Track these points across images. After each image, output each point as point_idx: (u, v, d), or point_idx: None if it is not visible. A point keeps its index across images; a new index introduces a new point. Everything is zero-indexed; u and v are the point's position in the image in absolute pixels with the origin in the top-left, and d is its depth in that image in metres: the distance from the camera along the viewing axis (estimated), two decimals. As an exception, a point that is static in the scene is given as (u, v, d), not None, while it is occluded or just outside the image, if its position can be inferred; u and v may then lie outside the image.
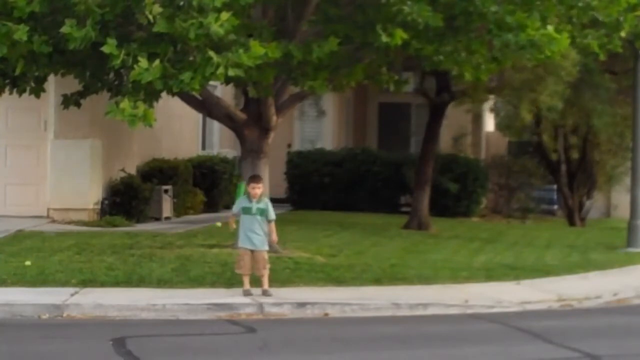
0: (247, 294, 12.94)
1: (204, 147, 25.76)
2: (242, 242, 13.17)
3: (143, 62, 12.71)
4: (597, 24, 15.99)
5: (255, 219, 13.15)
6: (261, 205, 13.20)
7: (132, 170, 20.88)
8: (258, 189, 13.28)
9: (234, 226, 13.47)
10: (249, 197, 13.28)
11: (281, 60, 14.10)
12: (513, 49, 14.69)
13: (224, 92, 22.45)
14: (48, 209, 19.58)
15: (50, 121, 19.60)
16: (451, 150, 28.16)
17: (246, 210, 13.20)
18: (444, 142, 28.32)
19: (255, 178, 13.60)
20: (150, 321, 11.87)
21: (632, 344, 11.22)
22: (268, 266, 13.13)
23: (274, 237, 13.37)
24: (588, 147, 27.97)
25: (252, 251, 13.09)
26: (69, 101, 15.95)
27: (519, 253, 18.82)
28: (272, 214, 13.23)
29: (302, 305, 12.68)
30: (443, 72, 19.25)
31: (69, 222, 19.10)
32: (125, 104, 13.10)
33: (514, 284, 15.11)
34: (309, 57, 14.13)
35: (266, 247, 13.18)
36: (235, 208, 13.50)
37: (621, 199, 27.68)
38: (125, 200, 19.92)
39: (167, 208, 21.11)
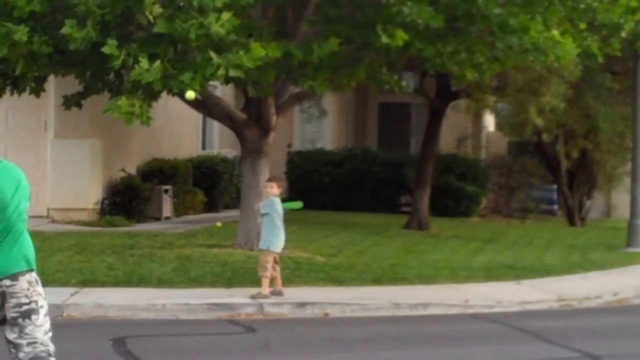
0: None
1: (204, 147, 25.76)
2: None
3: (144, 63, 12.72)
4: (597, 26, 16.00)
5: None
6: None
7: (132, 170, 20.88)
8: (268, 187, 13.24)
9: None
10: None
11: (281, 60, 14.11)
12: (516, 52, 14.70)
13: (224, 92, 22.46)
14: (48, 209, 19.58)
15: (50, 121, 19.59)
16: (452, 150, 28.20)
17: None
18: (445, 142, 28.36)
19: (270, 178, 13.65)
20: (150, 321, 11.87)
21: (632, 344, 11.22)
22: (263, 267, 12.94)
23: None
24: (588, 147, 27.96)
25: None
26: (70, 102, 15.97)
27: (519, 253, 18.82)
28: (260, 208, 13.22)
29: (302, 305, 12.68)
30: (444, 72, 19.27)
31: (69, 222, 19.10)
32: (122, 101, 13.11)
33: (514, 284, 15.11)
34: (309, 57, 14.14)
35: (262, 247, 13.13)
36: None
37: (621, 199, 27.70)
38: (125, 200, 19.92)
39: (167, 208, 21.10)
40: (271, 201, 13.05)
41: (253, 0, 13.66)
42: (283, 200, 13.39)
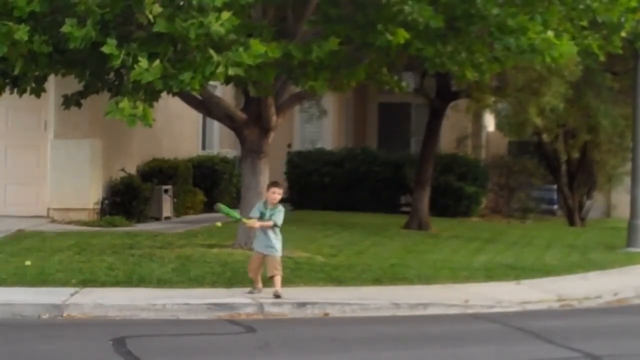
0: (249, 292, 13.00)
1: (204, 147, 25.76)
2: (255, 246, 13.28)
3: (143, 62, 12.72)
4: (597, 25, 16.00)
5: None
6: (274, 212, 13.16)
7: (132, 170, 20.88)
8: (276, 194, 13.23)
9: (256, 225, 13.29)
10: (266, 202, 13.24)
11: (281, 60, 14.10)
12: (514, 52, 14.70)
13: (224, 92, 22.46)
14: (48, 209, 19.58)
15: (50, 121, 19.60)
16: (452, 150, 28.19)
17: (261, 216, 13.19)
18: (445, 142, 28.36)
19: (276, 183, 13.57)
20: (150, 321, 11.86)
21: (632, 344, 11.22)
22: (279, 267, 13.04)
23: (254, 223, 13.28)
24: (588, 147, 27.97)
25: (264, 255, 13.12)
26: (70, 101, 15.98)
27: (519, 253, 18.82)
28: (277, 220, 13.11)
29: (302, 305, 12.68)
30: (444, 72, 19.30)
31: (69, 222, 19.10)
32: (124, 103, 13.11)
33: (514, 284, 15.11)
34: (308, 57, 14.14)
35: (278, 252, 13.10)
36: (253, 213, 13.40)
37: (621, 199, 27.69)
38: (125, 200, 19.92)
39: (167, 208, 21.11)
40: (283, 211, 13.11)
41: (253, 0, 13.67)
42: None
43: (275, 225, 13.05)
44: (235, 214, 13.68)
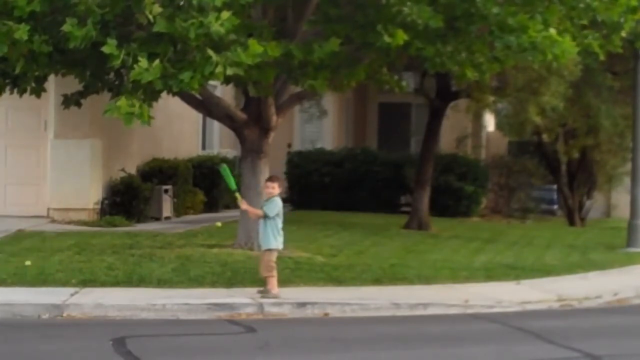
0: (258, 292, 12.97)
1: (204, 147, 25.76)
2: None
3: (143, 62, 12.73)
4: (597, 24, 16.01)
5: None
6: (267, 203, 13.16)
7: (132, 170, 20.88)
8: (270, 188, 13.23)
9: (243, 206, 13.44)
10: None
11: (281, 59, 14.11)
12: (515, 51, 14.70)
13: (224, 92, 22.46)
14: (48, 209, 19.58)
15: (50, 121, 19.60)
16: (452, 150, 28.20)
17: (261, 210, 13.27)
18: (445, 142, 28.36)
19: (271, 178, 13.61)
20: (150, 321, 11.87)
21: (632, 344, 11.22)
22: (270, 267, 12.99)
23: (242, 203, 13.38)
24: (588, 147, 27.96)
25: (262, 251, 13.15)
26: (70, 101, 15.98)
27: (519, 253, 18.82)
28: (268, 211, 13.11)
29: (302, 305, 12.68)
30: (444, 72, 19.30)
31: (69, 222, 19.10)
32: (122, 102, 13.11)
33: (514, 284, 15.11)
34: (309, 57, 14.14)
35: (269, 246, 13.09)
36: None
37: (621, 199, 27.71)
38: (125, 200, 19.92)
39: (167, 208, 21.10)
40: (277, 203, 13.08)
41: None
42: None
43: (266, 216, 13.03)
44: (233, 184, 13.40)
